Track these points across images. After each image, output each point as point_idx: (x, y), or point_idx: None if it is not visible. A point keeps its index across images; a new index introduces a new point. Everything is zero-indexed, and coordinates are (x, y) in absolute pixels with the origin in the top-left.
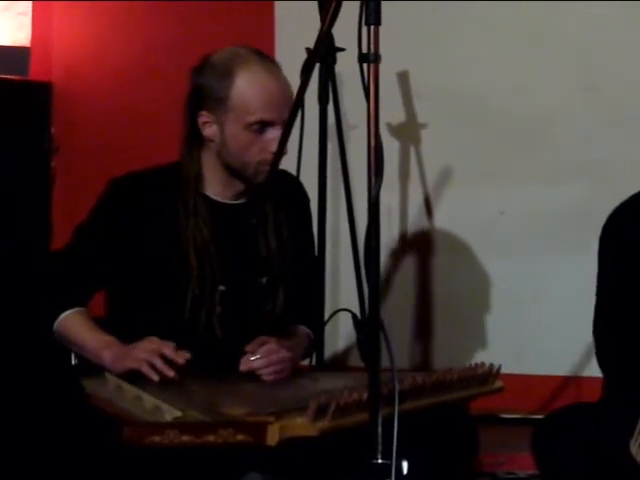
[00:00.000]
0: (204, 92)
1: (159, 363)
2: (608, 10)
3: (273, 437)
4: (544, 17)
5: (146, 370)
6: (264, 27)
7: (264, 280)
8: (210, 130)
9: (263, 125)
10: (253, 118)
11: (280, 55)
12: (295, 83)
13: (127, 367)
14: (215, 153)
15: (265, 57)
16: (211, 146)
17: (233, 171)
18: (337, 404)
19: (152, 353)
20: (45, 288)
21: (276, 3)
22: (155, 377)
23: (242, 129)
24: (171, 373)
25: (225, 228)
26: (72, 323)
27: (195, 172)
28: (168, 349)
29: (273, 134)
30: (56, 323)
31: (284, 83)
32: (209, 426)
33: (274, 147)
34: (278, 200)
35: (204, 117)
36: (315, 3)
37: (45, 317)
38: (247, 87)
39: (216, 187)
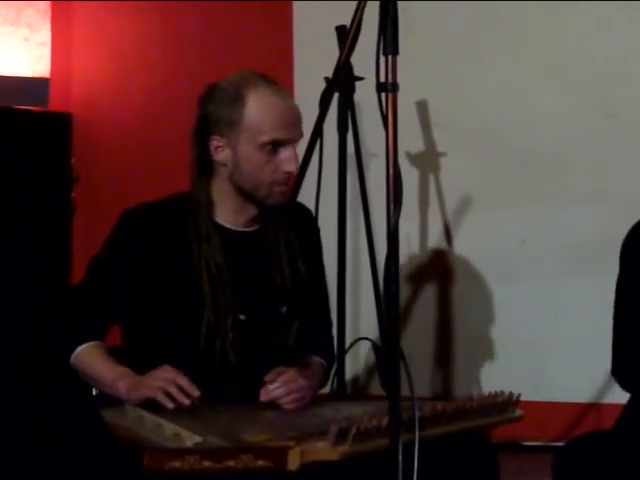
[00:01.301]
0: (214, 118)
1: (174, 391)
2: (625, 37)
3: (294, 462)
4: (561, 45)
5: (161, 398)
6: (283, 57)
7: (284, 309)
8: (223, 154)
9: (276, 145)
10: (266, 138)
11: (299, 85)
12: (314, 112)
13: (142, 396)
14: (227, 178)
15: (271, 79)
16: (222, 171)
17: (246, 194)
18: (358, 428)
19: (167, 382)
20: (63, 323)
21: (295, 33)
22: (170, 405)
23: (255, 149)
24: (187, 401)
25: (237, 255)
26: (87, 357)
27: (205, 199)
28: (182, 380)
29: (285, 154)
30: (72, 357)
31: (292, 103)
32: (230, 451)
33: (286, 167)
34: (290, 229)
35: (216, 141)
36: (334, 33)
37: (62, 352)
38: (258, 108)
39: (228, 214)
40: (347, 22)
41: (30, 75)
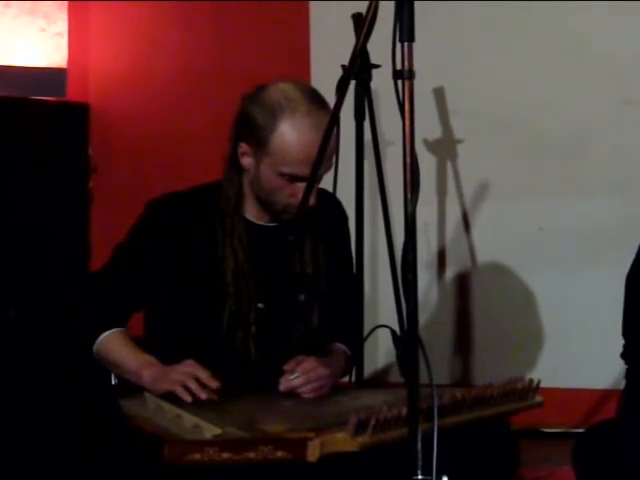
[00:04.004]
0: (249, 124)
1: (193, 385)
2: None
3: (314, 453)
4: (578, 31)
5: (179, 391)
6: (300, 46)
7: (302, 297)
8: (247, 161)
9: (295, 178)
10: (287, 170)
11: (316, 73)
12: (331, 100)
13: (164, 389)
14: (249, 181)
15: (315, 104)
16: (247, 174)
17: (262, 202)
18: (377, 419)
19: (186, 376)
20: (84, 309)
21: (312, 21)
22: (188, 398)
23: (275, 174)
24: (204, 395)
25: (262, 249)
26: (112, 343)
27: (235, 193)
28: (202, 373)
29: (304, 185)
30: (96, 344)
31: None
32: (249, 443)
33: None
34: (316, 218)
35: (243, 148)
36: (350, 20)
37: (84, 338)
38: (288, 138)
39: (253, 210)
40: (363, 10)
41: (47, 65)
